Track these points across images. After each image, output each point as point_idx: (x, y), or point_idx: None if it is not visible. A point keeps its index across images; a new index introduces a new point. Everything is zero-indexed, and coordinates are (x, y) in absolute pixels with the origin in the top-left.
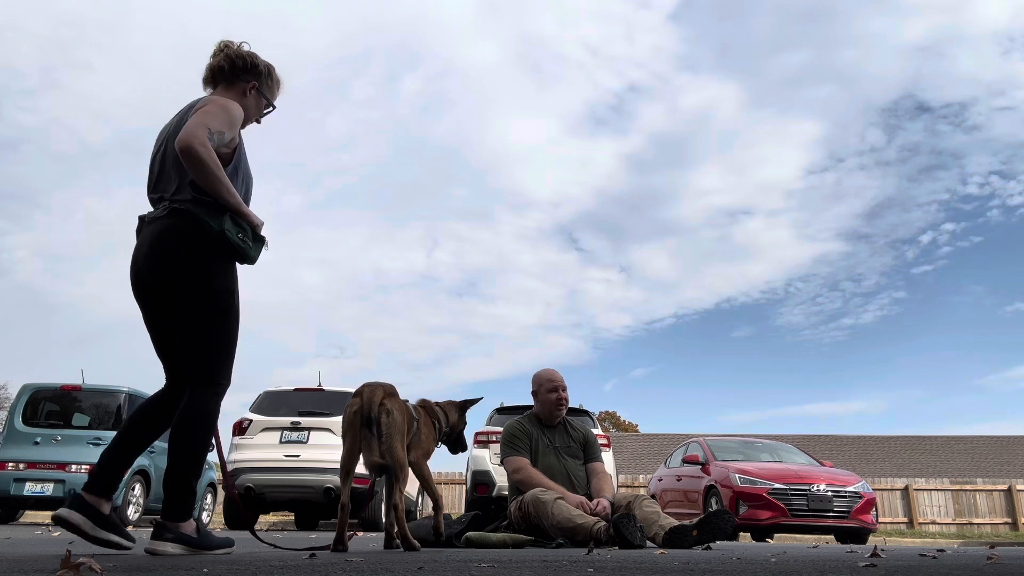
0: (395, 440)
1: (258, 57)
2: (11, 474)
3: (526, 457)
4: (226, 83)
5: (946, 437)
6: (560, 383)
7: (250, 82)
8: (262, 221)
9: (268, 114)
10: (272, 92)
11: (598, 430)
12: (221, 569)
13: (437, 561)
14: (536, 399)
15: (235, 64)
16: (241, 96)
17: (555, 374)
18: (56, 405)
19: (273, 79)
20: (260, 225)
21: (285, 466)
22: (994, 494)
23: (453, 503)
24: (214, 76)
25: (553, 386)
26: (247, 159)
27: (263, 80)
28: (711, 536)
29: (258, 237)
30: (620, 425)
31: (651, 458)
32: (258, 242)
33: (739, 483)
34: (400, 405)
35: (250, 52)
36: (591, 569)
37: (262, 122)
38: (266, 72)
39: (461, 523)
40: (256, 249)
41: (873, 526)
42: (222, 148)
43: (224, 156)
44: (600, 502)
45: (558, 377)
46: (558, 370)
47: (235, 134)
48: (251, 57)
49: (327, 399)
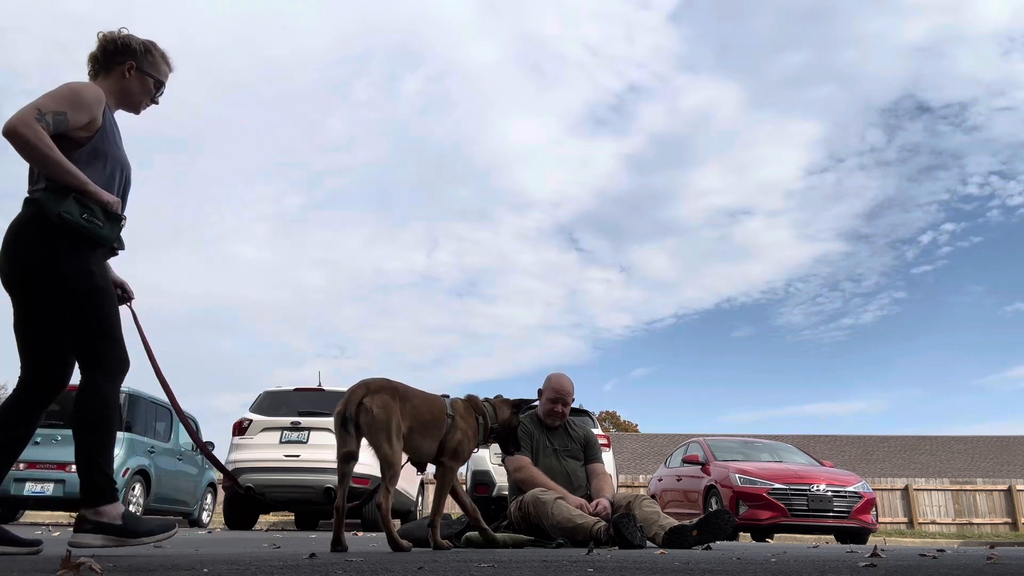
0: (379, 437)
1: (132, 37)
2: (11, 474)
3: (527, 456)
4: (104, 70)
5: (946, 437)
6: (564, 397)
7: (126, 63)
8: (115, 199)
9: (161, 93)
10: (156, 68)
11: (598, 430)
12: (221, 569)
13: (437, 561)
14: (540, 399)
15: (107, 49)
16: (121, 79)
17: (564, 386)
18: (56, 405)
19: (154, 56)
20: (112, 203)
21: (285, 466)
22: (994, 494)
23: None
24: (93, 65)
25: (554, 396)
26: (120, 144)
27: (141, 58)
28: (711, 536)
29: (112, 215)
30: (620, 425)
31: (651, 458)
32: (112, 221)
33: (739, 483)
34: (384, 401)
35: (125, 35)
36: (591, 569)
37: (160, 102)
38: (143, 50)
39: (461, 523)
40: (110, 228)
41: (873, 526)
42: (76, 132)
43: (79, 139)
44: (600, 502)
45: (565, 391)
46: (564, 372)
47: (86, 117)
48: (124, 39)
49: (327, 399)
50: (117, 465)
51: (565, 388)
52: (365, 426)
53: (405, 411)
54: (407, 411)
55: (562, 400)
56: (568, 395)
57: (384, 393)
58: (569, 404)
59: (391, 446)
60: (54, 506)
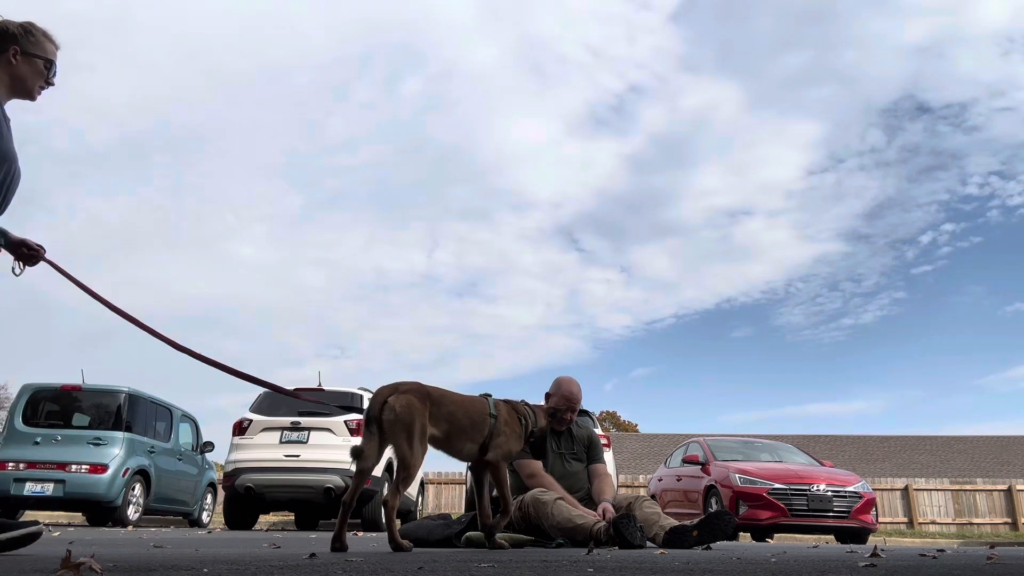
0: (399, 437)
1: (8, 21)
2: (11, 474)
3: (538, 460)
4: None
5: (946, 437)
6: (574, 405)
7: (9, 49)
8: None
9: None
10: (42, 47)
11: (598, 430)
12: (221, 569)
13: (437, 561)
14: (548, 402)
15: None
16: (8, 67)
17: (575, 394)
18: (56, 405)
19: (36, 36)
20: None
21: (285, 466)
22: (994, 494)
23: (453, 503)
24: None
25: (565, 404)
26: (9, 137)
27: (23, 41)
28: (711, 536)
29: None
30: (620, 425)
31: (651, 458)
32: None
33: (739, 483)
34: (408, 402)
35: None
36: (591, 569)
37: (55, 83)
38: (23, 32)
39: (461, 523)
40: None
41: (873, 526)
42: None
43: None
44: (605, 508)
45: (575, 399)
46: (573, 377)
47: None
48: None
49: (327, 399)
50: (117, 465)
51: (576, 396)
52: (387, 424)
53: (439, 415)
54: (441, 415)
55: (571, 407)
56: (579, 403)
57: (411, 395)
58: (576, 411)
59: (411, 447)
60: (54, 506)
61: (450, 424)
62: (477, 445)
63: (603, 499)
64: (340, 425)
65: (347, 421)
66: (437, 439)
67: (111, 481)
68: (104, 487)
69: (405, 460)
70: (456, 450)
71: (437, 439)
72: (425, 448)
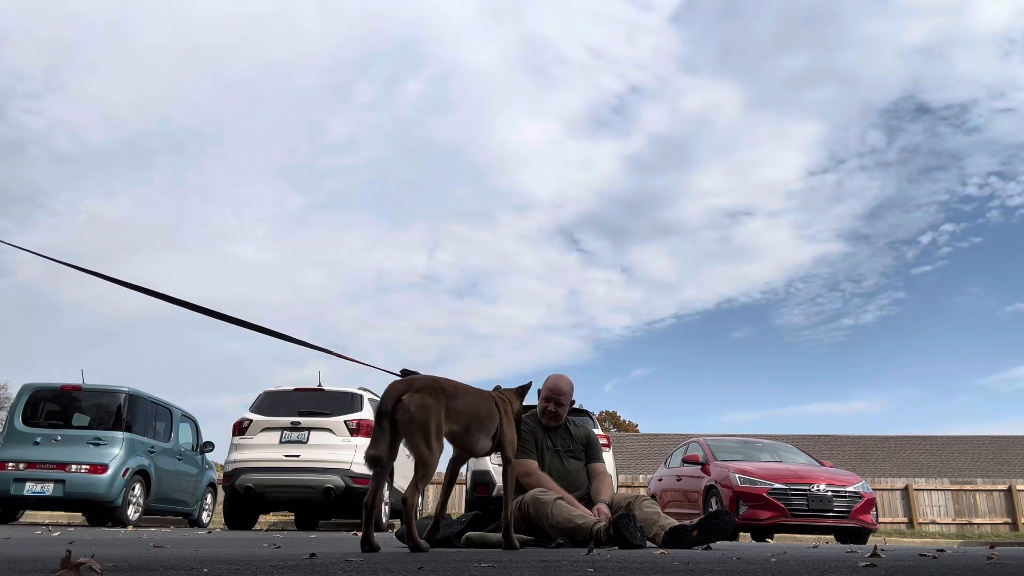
0: (415, 437)
1: None
2: (11, 474)
3: (534, 459)
4: None
5: (946, 437)
6: (556, 396)
7: None
8: None
9: None
10: None
11: (598, 430)
12: (221, 569)
13: (437, 561)
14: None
15: None
16: None
17: (557, 385)
18: (56, 405)
19: None
20: None
21: (285, 466)
22: (994, 494)
23: (453, 503)
24: None
25: (547, 395)
26: None
27: None
28: (711, 536)
29: None
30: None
31: (651, 458)
32: None
33: (739, 483)
34: (423, 400)
35: None
36: (591, 569)
37: None
38: None
39: (461, 523)
40: None
41: (873, 526)
42: None
43: None
44: (599, 509)
45: (557, 390)
46: (564, 374)
47: None
48: None
49: (327, 399)
50: (117, 465)
51: (558, 387)
52: (401, 424)
53: (457, 409)
54: (459, 409)
55: (555, 399)
56: (560, 394)
57: (425, 392)
58: (564, 404)
59: (428, 447)
60: (54, 506)
61: (471, 418)
62: (490, 437)
63: (599, 499)
64: (340, 425)
65: (347, 421)
66: (454, 434)
67: (111, 481)
68: (104, 487)
69: (423, 459)
70: (471, 443)
71: (454, 434)
72: (442, 446)
